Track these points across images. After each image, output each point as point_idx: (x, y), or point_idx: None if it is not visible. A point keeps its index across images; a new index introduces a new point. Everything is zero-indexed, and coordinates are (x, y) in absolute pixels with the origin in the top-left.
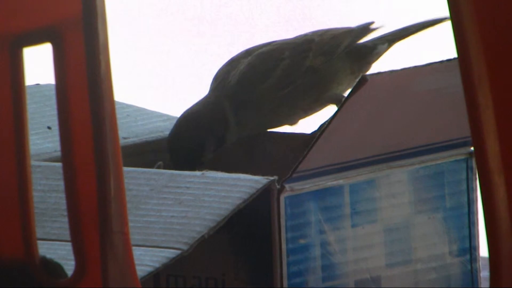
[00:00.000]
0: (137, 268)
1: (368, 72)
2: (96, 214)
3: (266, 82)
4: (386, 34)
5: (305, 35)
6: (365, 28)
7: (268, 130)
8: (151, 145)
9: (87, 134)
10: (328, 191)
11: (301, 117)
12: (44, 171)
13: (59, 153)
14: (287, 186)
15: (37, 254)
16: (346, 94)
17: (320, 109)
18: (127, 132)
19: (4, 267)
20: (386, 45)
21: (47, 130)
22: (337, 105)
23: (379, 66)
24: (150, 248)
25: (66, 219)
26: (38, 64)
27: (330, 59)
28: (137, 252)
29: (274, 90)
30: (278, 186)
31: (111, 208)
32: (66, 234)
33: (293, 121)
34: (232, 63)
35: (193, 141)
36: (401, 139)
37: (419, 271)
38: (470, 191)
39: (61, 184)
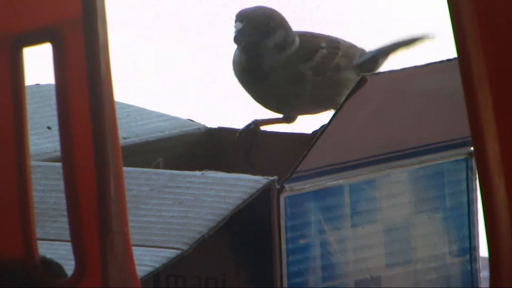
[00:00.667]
0: (137, 268)
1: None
2: (96, 214)
3: (309, 62)
4: (383, 47)
5: (329, 35)
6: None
7: (268, 130)
8: (151, 145)
9: (87, 134)
10: (328, 191)
11: (303, 113)
12: (44, 171)
13: (59, 153)
14: (287, 186)
15: (37, 254)
16: None
17: (320, 111)
18: (127, 132)
19: (4, 267)
20: (384, 58)
21: (47, 130)
22: None
23: None
24: (150, 248)
25: (66, 219)
26: (38, 64)
27: (351, 63)
28: (137, 252)
29: (311, 72)
30: (278, 186)
31: (111, 208)
32: (66, 234)
33: (295, 114)
34: None
35: (272, 19)
36: (401, 139)
37: (419, 271)
38: (470, 191)
39: (61, 184)
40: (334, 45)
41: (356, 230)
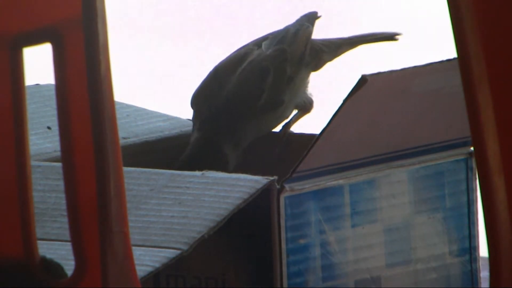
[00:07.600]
0: (137, 268)
1: (368, 72)
2: (96, 214)
3: (259, 100)
4: (334, 39)
5: (277, 45)
6: (311, 17)
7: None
8: (151, 145)
9: (87, 134)
10: (328, 191)
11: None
12: (44, 171)
13: (59, 153)
14: (287, 186)
15: (37, 254)
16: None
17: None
18: (127, 132)
19: (4, 267)
20: (345, 49)
21: (47, 130)
22: (303, 111)
23: (379, 66)
24: (150, 248)
25: (66, 219)
26: (38, 64)
27: (300, 67)
28: (137, 252)
29: (267, 108)
30: (278, 186)
31: (111, 208)
32: (66, 234)
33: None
34: (217, 75)
35: None
36: (401, 139)
37: (419, 271)
38: (470, 191)
39: (61, 184)
40: (281, 58)
41: (356, 230)
